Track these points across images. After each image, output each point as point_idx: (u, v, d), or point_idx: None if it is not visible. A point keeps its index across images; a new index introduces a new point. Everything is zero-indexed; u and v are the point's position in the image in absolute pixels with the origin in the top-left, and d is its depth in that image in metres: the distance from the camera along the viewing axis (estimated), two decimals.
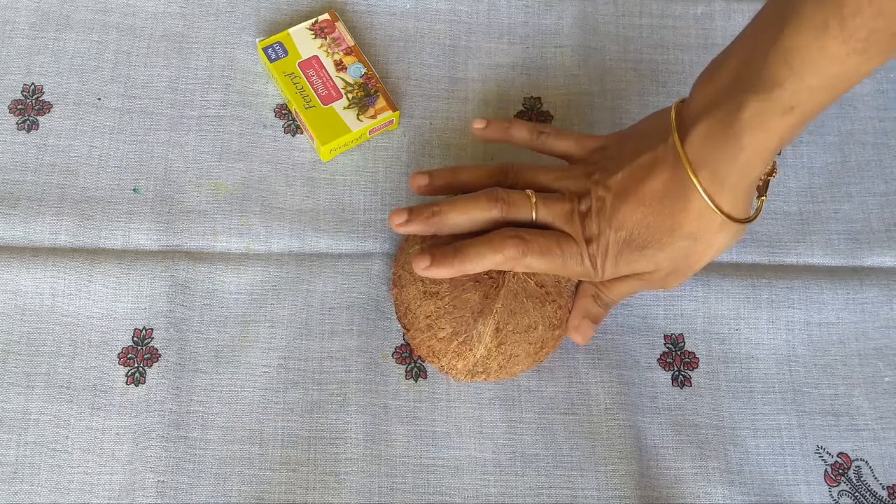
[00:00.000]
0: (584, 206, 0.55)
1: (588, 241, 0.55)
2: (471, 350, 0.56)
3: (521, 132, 0.61)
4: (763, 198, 0.54)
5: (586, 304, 0.59)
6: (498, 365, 0.57)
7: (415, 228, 0.57)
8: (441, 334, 0.57)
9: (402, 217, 0.57)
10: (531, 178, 0.59)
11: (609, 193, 0.54)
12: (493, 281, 0.56)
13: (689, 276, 0.56)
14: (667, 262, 0.54)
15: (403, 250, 0.60)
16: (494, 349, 0.56)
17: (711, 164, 0.50)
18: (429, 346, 0.58)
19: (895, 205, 0.66)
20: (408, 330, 0.59)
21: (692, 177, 0.50)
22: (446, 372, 0.59)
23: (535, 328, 0.57)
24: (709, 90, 0.50)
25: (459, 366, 0.57)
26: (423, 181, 0.59)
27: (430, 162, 0.66)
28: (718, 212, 0.51)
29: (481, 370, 0.58)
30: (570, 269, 0.56)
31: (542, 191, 0.57)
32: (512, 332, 0.56)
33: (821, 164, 0.68)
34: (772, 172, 0.54)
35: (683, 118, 0.52)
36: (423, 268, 0.55)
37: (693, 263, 0.55)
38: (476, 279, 0.56)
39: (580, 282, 0.59)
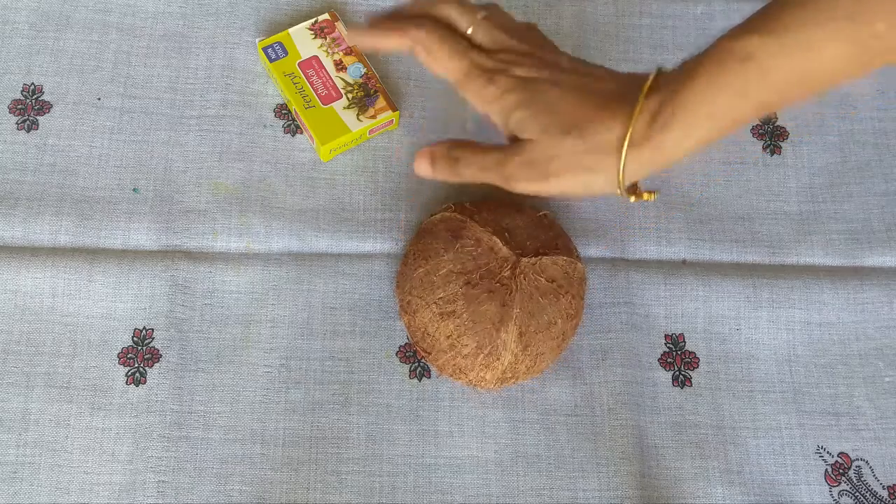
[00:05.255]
0: (531, 49, 0.53)
1: (513, 65, 0.52)
2: (498, 360, 0.56)
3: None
4: (650, 196, 0.52)
5: (446, 152, 0.55)
6: (526, 367, 0.57)
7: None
8: (465, 351, 0.56)
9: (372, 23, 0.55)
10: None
11: (569, 63, 0.53)
12: (505, 288, 0.56)
13: (534, 185, 0.52)
14: (551, 145, 0.50)
15: (405, 276, 0.60)
16: (521, 353, 0.56)
17: (658, 95, 0.48)
18: (454, 365, 0.58)
19: (895, 205, 0.66)
20: (428, 353, 0.58)
21: (632, 110, 0.48)
22: (474, 385, 0.59)
23: (555, 323, 0.57)
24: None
25: (488, 377, 0.57)
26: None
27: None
28: (622, 144, 0.49)
29: (510, 375, 0.58)
30: (474, 81, 0.53)
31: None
32: (534, 332, 0.56)
33: (821, 164, 0.68)
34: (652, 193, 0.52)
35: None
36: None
37: (552, 170, 0.51)
38: (489, 289, 0.56)
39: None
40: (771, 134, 0.68)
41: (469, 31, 0.54)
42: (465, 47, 0.53)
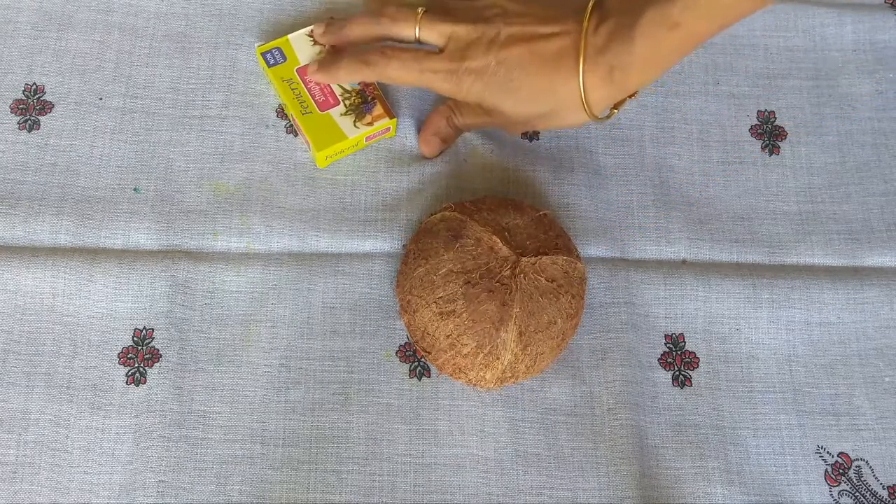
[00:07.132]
0: (476, 33, 0.59)
1: (464, 59, 0.59)
2: (498, 359, 0.56)
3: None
4: (615, 111, 0.60)
5: (439, 122, 0.64)
6: (525, 367, 0.57)
7: (326, 39, 0.64)
8: (465, 350, 0.57)
9: (321, 27, 0.64)
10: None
11: (509, 28, 0.58)
12: (505, 288, 0.56)
13: (533, 128, 0.63)
14: (524, 113, 0.59)
15: (405, 275, 0.60)
16: (521, 352, 0.56)
17: (607, 58, 0.55)
18: (454, 364, 0.58)
19: (895, 205, 0.66)
20: (428, 352, 0.58)
21: (580, 64, 0.56)
22: (474, 384, 0.59)
23: (555, 322, 0.57)
24: None
25: (488, 376, 0.57)
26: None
27: (431, 161, 0.66)
28: (584, 101, 0.57)
29: (510, 375, 0.58)
30: (433, 85, 0.60)
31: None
32: (534, 332, 0.56)
33: (820, 165, 0.68)
34: (633, 94, 0.59)
35: (601, 10, 0.57)
36: (312, 71, 0.63)
37: (539, 124, 0.61)
38: (489, 289, 0.56)
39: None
40: (769, 134, 0.69)
41: (417, 34, 0.60)
42: (419, 60, 0.60)
